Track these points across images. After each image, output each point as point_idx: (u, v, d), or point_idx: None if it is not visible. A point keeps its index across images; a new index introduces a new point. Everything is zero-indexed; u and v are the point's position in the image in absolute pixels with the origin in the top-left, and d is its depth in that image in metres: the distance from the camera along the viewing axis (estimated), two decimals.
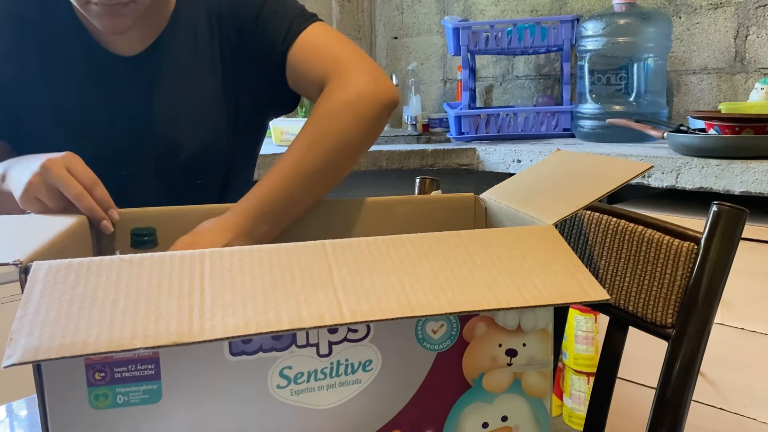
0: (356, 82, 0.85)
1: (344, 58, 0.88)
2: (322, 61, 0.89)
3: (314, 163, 0.81)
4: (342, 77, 0.86)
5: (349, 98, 0.83)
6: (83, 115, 0.91)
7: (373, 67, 0.89)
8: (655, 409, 0.69)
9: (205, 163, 0.96)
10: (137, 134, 0.93)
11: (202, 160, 0.95)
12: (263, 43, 0.93)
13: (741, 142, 1.43)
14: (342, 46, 0.91)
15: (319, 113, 0.84)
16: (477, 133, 2.05)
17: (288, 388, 0.53)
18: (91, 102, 0.91)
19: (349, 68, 0.87)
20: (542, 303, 0.53)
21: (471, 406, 0.59)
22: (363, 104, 0.84)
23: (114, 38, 0.91)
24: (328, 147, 0.81)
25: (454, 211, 0.87)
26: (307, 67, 0.90)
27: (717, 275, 0.67)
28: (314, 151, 0.81)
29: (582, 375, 1.70)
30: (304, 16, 0.93)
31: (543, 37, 2.03)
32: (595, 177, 0.71)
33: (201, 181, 0.96)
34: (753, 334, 1.35)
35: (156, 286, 0.50)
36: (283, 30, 0.91)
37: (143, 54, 0.92)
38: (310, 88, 0.91)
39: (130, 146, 0.93)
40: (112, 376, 0.50)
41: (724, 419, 1.40)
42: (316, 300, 0.50)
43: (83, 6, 0.82)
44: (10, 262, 0.54)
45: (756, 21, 1.87)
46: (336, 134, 0.82)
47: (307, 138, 0.82)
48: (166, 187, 0.94)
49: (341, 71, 0.86)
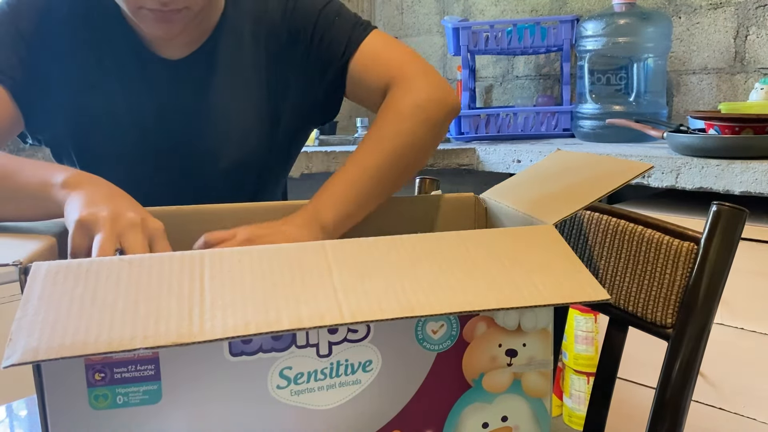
0: (421, 86, 0.86)
1: (407, 66, 0.89)
2: (385, 69, 0.90)
3: (385, 164, 0.81)
4: (407, 83, 0.86)
5: (417, 102, 0.84)
6: (131, 117, 0.92)
7: (435, 73, 0.90)
8: (655, 409, 0.69)
9: (244, 169, 0.96)
10: (182, 138, 0.93)
11: (243, 164, 0.96)
12: (321, 55, 0.93)
13: (741, 142, 1.43)
14: (403, 53, 0.92)
15: (389, 115, 0.84)
16: (477, 133, 2.05)
17: (288, 389, 0.53)
18: (139, 104, 0.92)
19: (413, 75, 0.87)
20: (542, 303, 0.53)
21: (471, 406, 0.59)
22: (431, 107, 0.84)
23: (160, 43, 0.91)
24: (398, 148, 0.82)
25: (454, 211, 0.87)
26: (370, 77, 0.91)
27: (717, 275, 0.67)
28: (385, 153, 0.81)
29: (582, 375, 1.70)
30: (362, 26, 0.93)
31: (543, 37, 2.03)
32: (595, 177, 0.71)
33: (239, 186, 0.96)
34: (753, 334, 1.35)
35: (156, 286, 0.50)
36: (343, 42, 0.91)
37: (189, 58, 0.93)
38: (373, 95, 0.92)
39: (174, 150, 0.93)
40: (112, 377, 0.50)
41: (724, 419, 1.40)
42: (315, 300, 0.50)
43: (134, 11, 0.82)
44: (10, 262, 0.54)
45: (756, 21, 1.87)
46: (405, 136, 0.82)
47: (377, 140, 0.82)
48: (203, 191, 0.94)
49: (405, 78, 0.87)
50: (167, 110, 0.93)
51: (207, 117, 0.94)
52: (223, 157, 0.95)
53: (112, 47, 0.91)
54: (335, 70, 0.92)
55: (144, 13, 0.82)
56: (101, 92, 0.91)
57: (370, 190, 0.80)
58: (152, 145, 0.93)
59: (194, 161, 0.94)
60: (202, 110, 0.93)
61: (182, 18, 0.83)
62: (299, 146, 1.06)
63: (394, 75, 0.88)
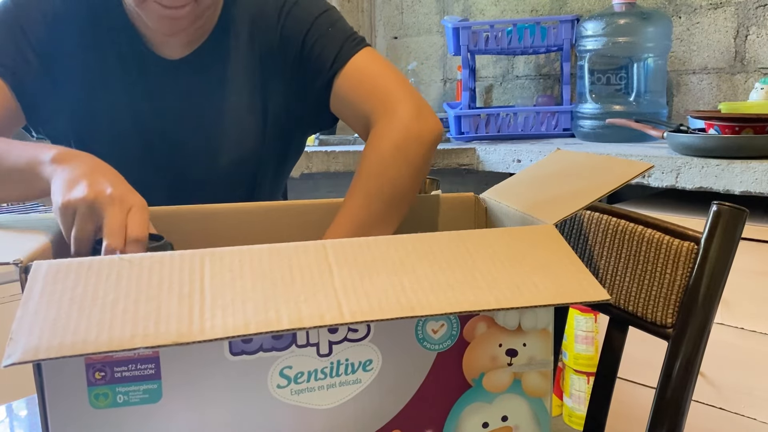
0: (401, 120, 0.85)
1: (390, 93, 0.88)
2: (368, 94, 0.89)
3: (375, 215, 0.81)
4: (387, 116, 0.85)
5: (397, 142, 0.83)
6: (131, 115, 0.92)
7: (418, 100, 0.88)
8: (655, 409, 0.69)
9: (241, 167, 0.96)
10: (180, 137, 0.94)
11: (239, 163, 0.96)
12: (310, 63, 0.92)
13: (741, 142, 1.43)
14: (389, 77, 0.90)
15: (372, 162, 0.83)
16: (477, 133, 2.05)
17: (288, 388, 0.53)
18: (138, 103, 0.92)
19: (394, 105, 0.86)
20: (542, 303, 0.53)
21: (471, 406, 0.59)
22: (411, 148, 0.83)
23: (161, 41, 0.91)
24: (385, 198, 0.81)
25: (454, 211, 0.87)
26: (353, 100, 0.90)
27: (717, 275, 0.67)
28: (373, 204, 0.81)
29: (582, 375, 1.70)
30: (354, 41, 0.92)
31: (543, 37, 2.03)
32: (595, 177, 0.71)
33: (236, 184, 0.96)
34: (753, 334, 1.35)
35: (156, 285, 0.50)
36: (332, 54, 0.90)
37: (187, 58, 0.93)
38: (355, 121, 0.92)
39: (172, 148, 0.94)
40: (112, 376, 0.50)
41: (724, 419, 1.40)
42: (316, 300, 0.50)
43: (140, 4, 0.82)
44: (10, 261, 0.54)
45: (756, 21, 1.87)
46: (391, 184, 0.81)
47: (364, 190, 0.82)
48: (200, 189, 0.95)
49: (387, 109, 0.86)
50: (166, 109, 0.93)
51: (204, 116, 0.94)
52: (220, 155, 0.95)
53: (114, 45, 0.91)
54: (322, 82, 0.91)
55: (151, 6, 0.81)
56: (102, 89, 0.91)
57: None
58: (151, 144, 0.93)
59: (192, 159, 0.95)
60: (200, 109, 0.94)
61: (188, 13, 0.83)
62: (297, 150, 1.06)
63: (377, 104, 0.87)
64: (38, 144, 0.76)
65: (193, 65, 0.93)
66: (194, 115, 0.94)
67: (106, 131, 0.92)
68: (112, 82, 0.91)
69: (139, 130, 0.93)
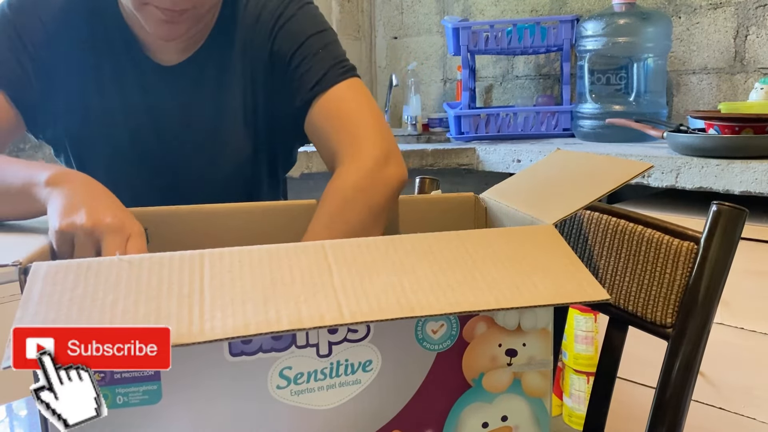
0: (366, 163, 0.83)
1: (361, 132, 0.86)
2: (340, 128, 0.87)
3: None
4: (354, 156, 0.84)
5: (361, 185, 0.82)
6: (126, 120, 0.92)
7: (389, 144, 0.87)
8: (655, 409, 0.69)
9: (235, 174, 0.96)
10: (175, 143, 0.93)
11: (234, 170, 0.95)
12: (294, 81, 0.91)
13: (741, 142, 1.43)
14: (364, 114, 0.89)
15: (336, 201, 0.81)
16: (477, 133, 2.05)
17: (288, 389, 0.53)
18: (134, 108, 0.92)
19: (363, 145, 0.85)
20: (542, 303, 0.53)
21: (471, 406, 0.59)
22: (374, 192, 0.82)
23: (158, 47, 0.91)
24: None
25: (454, 211, 0.87)
26: (325, 129, 0.89)
27: (717, 275, 0.67)
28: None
29: (582, 375, 1.70)
30: (342, 68, 0.91)
31: (543, 37, 2.03)
32: (595, 177, 0.71)
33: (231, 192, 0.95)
34: (753, 334, 1.35)
35: (156, 286, 0.50)
36: (316, 77, 0.89)
37: (183, 64, 0.93)
38: (324, 151, 0.90)
39: (168, 154, 0.93)
40: (112, 377, 0.50)
41: (724, 419, 1.40)
42: (315, 300, 0.50)
43: (139, 8, 0.81)
44: (10, 262, 0.54)
45: (756, 21, 1.87)
46: (353, 226, 0.79)
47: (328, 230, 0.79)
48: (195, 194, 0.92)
49: (354, 149, 0.85)
50: (162, 115, 0.93)
51: (200, 122, 0.94)
52: (216, 160, 0.95)
53: (111, 51, 0.91)
54: (301, 102, 0.90)
55: (150, 10, 0.81)
56: (98, 95, 0.91)
57: None
58: (146, 149, 0.93)
59: (188, 164, 0.95)
60: (196, 115, 0.94)
61: (187, 19, 0.83)
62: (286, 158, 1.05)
63: (347, 141, 0.86)
64: (33, 163, 0.75)
65: (189, 71, 0.93)
66: (190, 120, 0.93)
67: (102, 137, 0.92)
68: (108, 87, 0.91)
69: (135, 135, 0.92)
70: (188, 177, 0.95)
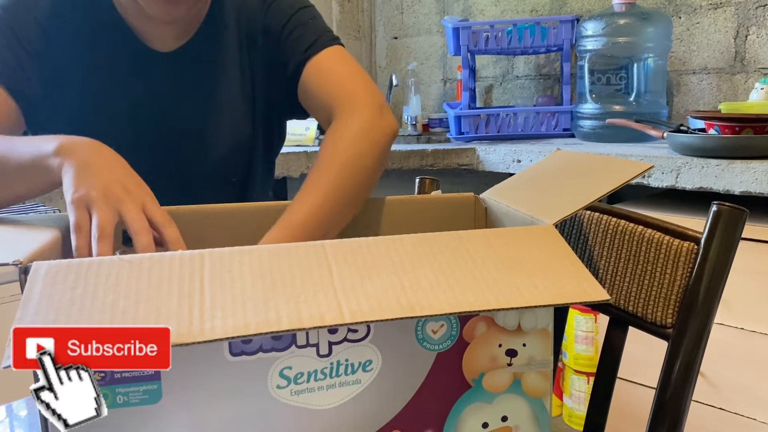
0: (365, 113, 0.88)
1: (355, 89, 0.92)
2: (335, 87, 0.92)
3: (344, 189, 0.81)
4: (352, 109, 0.89)
5: (362, 126, 0.87)
6: (125, 108, 0.93)
7: (380, 100, 0.92)
8: (655, 409, 0.69)
9: (232, 163, 0.99)
10: (175, 129, 0.95)
11: (230, 159, 0.98)
12: (286, 48, 0.95)
13: (741, 142, 1.43)
14: (355, 76, 0.94)
15: (337, 140, 0.86)
16: (477, 133, 2.05)
17: (288, 389, 0.53)
18: (132, 96, 0.94)
19: (358, 100, 0.90)
20: (542, 303, 0.53)
21: (471, 406, 0.59)
22: (374, 132, 0.87)
23: (152, 33, 0.93)
24: (351, 172, 0.83)
25: (454, 211, 0.87)
26: (319, 90, 0.93)
27: (717, 275, 0.67)
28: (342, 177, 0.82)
29: (582, 375, 1.70)
30: (330, 37, 0.96)
31: (543, 37, 2.03)
32: (595, 177, 0.71)
33: (231, 173, 0.99)
34: (753, 334, 1.35)
35: (156, 286, 0.50)
36: (308, 42, 0.94)
37: (178, 51, 0.95)
38: (319, 110, 0.94)
39: (168, 140, 0.95)
40: (112, 377, 0.50)
41: (724, 419, 1.40)
42: (316, 300, 0.50)
43: None
44: (10, 262, 0.54)
45: (756, 21, 1.87)
46: (355, 159, 0.84)
47: (330, 164, 0.83)
48: (196, 179, 0.97)
49: (351, 103, 0.90)
50: (159, 102, 0.95)
51: (200, 106, 0.96)
52: (216, 142, 0.97)
53: (106, 41, 0.92)
54: (294, 65, 0.95)
55: None
56: (96, 86, 0.92)
57: (334, 216, 0.80)
58: (146, 137, 0.95)
59: (189, 149, 0.96)
60: (195, 99, 0.96)
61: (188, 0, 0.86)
62: (280, 136, 1.09)
63: (341, 98, 0.91)
64: (35, 138, 0.76)
65: (186, 56, 0.95)
66: (189, 105, 0.96)
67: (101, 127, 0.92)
68: (106, 77, 0.93)
69: (135, 123, 0.94)
70: (188, 160, 0.97)
